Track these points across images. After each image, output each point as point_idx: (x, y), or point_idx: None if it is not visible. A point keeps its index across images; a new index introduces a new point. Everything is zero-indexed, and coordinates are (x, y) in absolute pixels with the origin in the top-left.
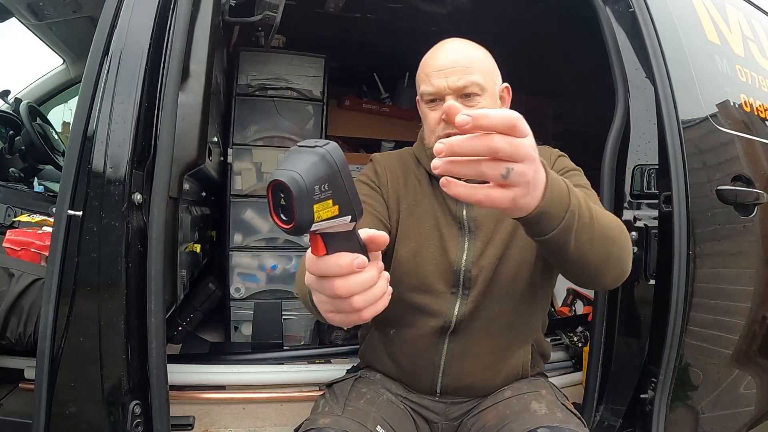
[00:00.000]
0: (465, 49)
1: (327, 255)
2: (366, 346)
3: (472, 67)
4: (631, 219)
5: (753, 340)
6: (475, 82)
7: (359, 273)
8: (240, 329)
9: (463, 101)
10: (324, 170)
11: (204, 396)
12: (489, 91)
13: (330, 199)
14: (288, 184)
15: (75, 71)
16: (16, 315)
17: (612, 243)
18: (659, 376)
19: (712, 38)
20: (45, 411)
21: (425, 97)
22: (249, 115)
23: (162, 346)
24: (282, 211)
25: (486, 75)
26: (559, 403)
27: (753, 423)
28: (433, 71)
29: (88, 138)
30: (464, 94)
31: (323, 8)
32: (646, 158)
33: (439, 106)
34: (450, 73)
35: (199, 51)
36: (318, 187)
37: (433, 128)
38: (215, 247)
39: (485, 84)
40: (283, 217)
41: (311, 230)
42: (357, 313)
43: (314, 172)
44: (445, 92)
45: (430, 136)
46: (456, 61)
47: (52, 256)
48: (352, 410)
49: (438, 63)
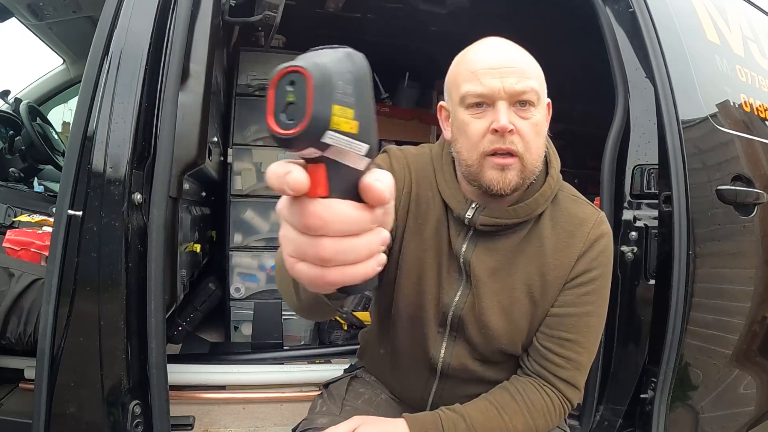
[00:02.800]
0: (520, 51)
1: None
2: (364, 350)
3: (530, 71)
4: (631, 219)
5: (753, 340)
6: (533, 88)
7: (363, 236)
8: (240, 329)
9: (517, 110)
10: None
11: (204, 396)
12: (542, 104)
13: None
14: (306, 69)
15: (75, 71)
16: (16, 315)
17: None
18: (659, 376)
19: (712, 38)
20: (45, 411)
21: (469, 100)
22: (249, 115)
23: (162, 346)
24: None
25: (541, 84)
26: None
27: (753, 423)
28: (485, 68)
29: (88, 138)
30: (519, 101)
31: (323, 8)
32: (646, 158)
33: (487, 112)
34: (506, 73)
35: (199, 51)
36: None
37: (476, 141)
38: (215, 247)
39: (541, 94)
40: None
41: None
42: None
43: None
44: (498, 95)
45: (471, 151)
46: (514, 60)
47: (52, 256)
48: (350, 410)
49: (491, 60)
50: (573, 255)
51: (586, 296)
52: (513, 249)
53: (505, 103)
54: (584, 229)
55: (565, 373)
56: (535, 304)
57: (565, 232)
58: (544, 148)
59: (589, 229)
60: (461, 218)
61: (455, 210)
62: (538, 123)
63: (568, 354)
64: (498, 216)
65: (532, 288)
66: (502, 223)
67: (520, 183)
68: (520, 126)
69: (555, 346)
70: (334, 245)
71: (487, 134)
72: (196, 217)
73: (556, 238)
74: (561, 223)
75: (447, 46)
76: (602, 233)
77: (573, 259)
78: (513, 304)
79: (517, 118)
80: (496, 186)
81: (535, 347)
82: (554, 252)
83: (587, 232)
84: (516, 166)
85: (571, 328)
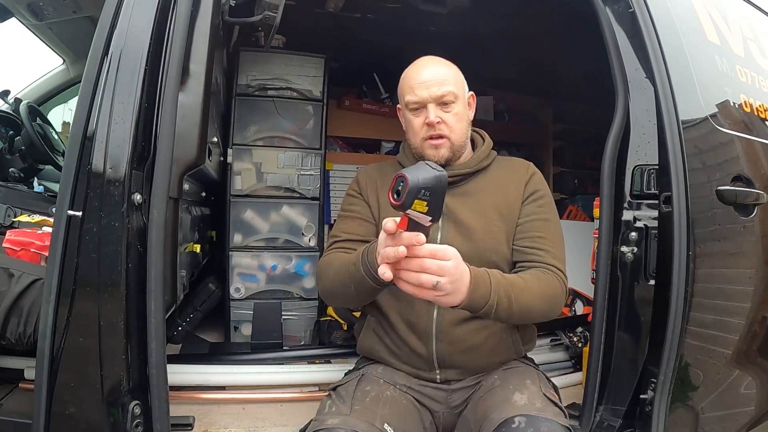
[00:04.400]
0: (440, 65)
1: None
2: (363, 337)
3: (447, 80)
4: (631, 219)
5: (753, 340)
6: (451, 91)
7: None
8: (240, 329)
9: (442, 108)
10: (432, 184)
11: (204, 396)
12: (461, 99)
13: (426, 201)
14: (409, 179)
15: (75, 71)
16: (16, 315)
17: (532, 312)
18: (659, 376)
19: (712, 38)
20: (45, 411)
21: (410, 105)
22: (249, 115)
23: (162, 346)
24: (396, 193)
25: (458, 86)
26: (541, 394)
27: (753, 423)
28: (416, 83)
29: (88, 138)
30: (442, 102)
31: (323, 8)
32: (646, 158)
33: (422, 112)
34: (430, 84)
35: (199, 51)
36: (423, 191)
37: (417, 131)
38: (215, 247)
39: (458, 93)
40: (395, 197)
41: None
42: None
43: (426, 182)
44: (427, 101)
45: (414, 138)
46: (434, 74)
47: (52, 256)
48: (359, 409)
49: (420, 76)
50: (522, 181)
51: (542, 207)
52: (476, 188)
53: (433, 104)
54: (522, 166)
55: (547, 258)
56: (504, 219)
57: (510, 170)
58: (467, 128)
59: (527, 167)
60: None
61: None
62: (459, 113)
63: (543, 245)
64: (457, 169)
65: (500, 207)
66: (461, 173)
67: (451, 155)
68: (445, 117)
69: (531, 242)
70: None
71: (424, 126)
72: (196, 217)
73: (505, 174)
74: (505, 166)
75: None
76: (536, 170)
77: (522, 184)
78: (487, 219)
79: (442, 113)
80: (433, 159)
81: (518, 251)
82: (507, 181)
83: (526, 168)
84: (446, 144)
85: (538, 228)
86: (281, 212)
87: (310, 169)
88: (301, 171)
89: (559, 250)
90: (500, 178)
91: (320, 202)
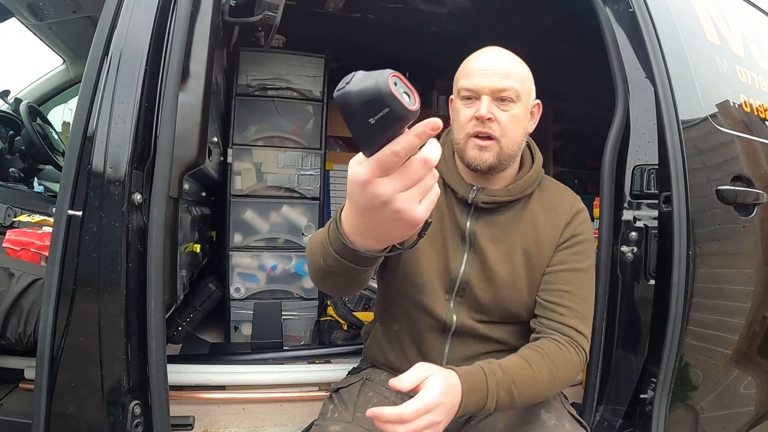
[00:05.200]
0: (509, 57)
1: None
2: (370, 343)
3: (513, 74)
4: (631, 219)
5: (753, 340)
6: (513, 87)
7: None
8: (240, 329)
9: (498, 104)
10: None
11: (204, 396)
12: (523, 102)
13: None
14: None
15: (75, 71)
16: (16, 315)
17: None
18: (659, 376)
19: (712, 38)
20: (45, 411)
21: (462, 92)
22: (249, 115)
23: (162, 346)
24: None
25: (524, 86)
26: (566, 412)
27: (753, 423)
28: (476, 69)
29: (88, 138)
30: (500, 98)
31: (323, 8)
32: (646, 158)
33: (475, 104)
34: (491, 74)
35: (199, 51)
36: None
37: (463, 124)
38: (215, 247)
39: (521, 93)
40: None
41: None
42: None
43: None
44: (482, 91)
45: (459, 131)
46: (500, 65)
47: (52, 256)
48: (361, 417)
49: (482, 63)
50: (560, 224)
51: (576, 255)
52: (509, 222)
53: (488, 97)
54: (567, 204)
55: (570, 321)
56: (532, 267)
57: (551, 207)
58: (522, 137)
59: (571, 205)
60: (465, 199)
61: (459, 192)
62: (516, 116)
63: (568, 303)
64: (496, 194)
65: (529, 252)
66: (499, 201)
67: (496, 163)
68: (499, 116)
69: (555, 297)
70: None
71: (473, 120)
72: (196, 217)
73: (544, 212)
74: (548, 200)
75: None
76: (581, 208)
77: (561, 227)
78: (513, 264)
79: (497, 110)
80: (474, 162)
81: (540, 304)
82: (544, 222)
83: (570, 206)
84: (493, 148)
85: (566, 281)
86: (281, 212)
87: (310, 169)
88: (301, 171)
89: (585, 306)
90: (538, 216)
91: (320, 202)
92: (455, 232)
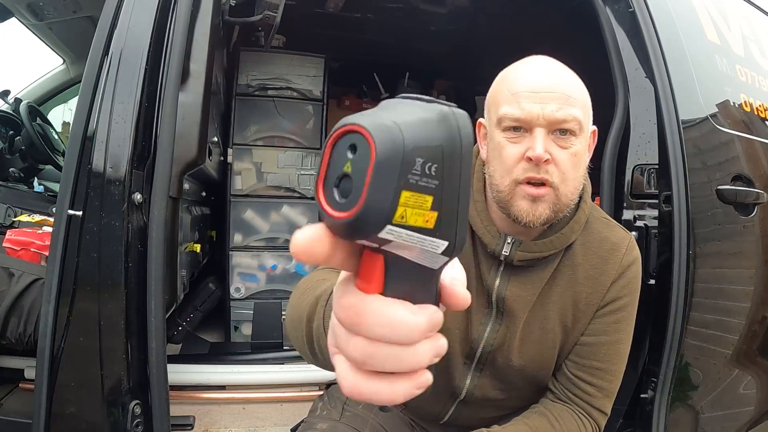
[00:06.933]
0: (566, 74)
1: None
2: None
3: (574, 99)
4: (631, 219)
5: (753, 340)
6: (576, 117)
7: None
8: (240, 329)
9: (556, 138)
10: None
11: (204, 396)
12: (584, 134)
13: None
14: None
15: (75, 71)
16: (16, 315)
17: None
18: (659, 376)
19: (712, 38)
20: (45, 411)
21: (506, 123)
22: (249, 115)
23: (162, 346)
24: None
25: (586, 113)
26: None
27: (753, 423)
28: (526, 91)
29: (88, 138)
30: (559, 130)
31: (323, 8)
32: (646, 158)
33: (524, 138)
34: (548, 98)
35: (199, 51)
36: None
37: (510, 166)
38: (215, 247)
39: (584, 123)
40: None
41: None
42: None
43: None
44: (536, 122)
45: (503, 177)
46: (557, 85)
47: (52, 256)
48: (350, 416)
49: (533, 81)
50: (606, 282)
51: (617, 324)
52: (546, 280)
53: (544, 130)
54: (617, 255)
55: (598, 402)
56: (566, 333)
57: (597, 258)
58: (582, 180)
59: (622, 255)
60: (497, 254)
61: (489, 246)
62: (578, 153)
63: (600, 383)
64: (535, 250)
65: (565, 318)
66: (540, 257)
67: (552, 216)
68: (557, 155)
69: (587, 375)
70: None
71: (522, 161)
72: (196, 217)
73: (588, 265)
74: (593, 248)
75: (447, 46)
76: (634, 259)
77: (606, 286)
78: (545, 335)
79: (555, 147)
80: (525, 218)
81: (567, 376)
82: (587, 279)
83: (620, 258)
84: (549, 197)
85: (602, 357)
86: (281, 212)
87: (310, 169)
88: (301, 171)
89: (617, 382)
90: (579, 269)
91: None
92: (480, 292)
